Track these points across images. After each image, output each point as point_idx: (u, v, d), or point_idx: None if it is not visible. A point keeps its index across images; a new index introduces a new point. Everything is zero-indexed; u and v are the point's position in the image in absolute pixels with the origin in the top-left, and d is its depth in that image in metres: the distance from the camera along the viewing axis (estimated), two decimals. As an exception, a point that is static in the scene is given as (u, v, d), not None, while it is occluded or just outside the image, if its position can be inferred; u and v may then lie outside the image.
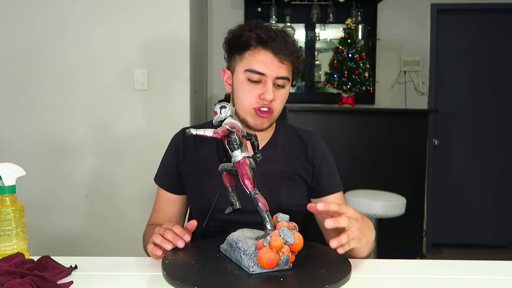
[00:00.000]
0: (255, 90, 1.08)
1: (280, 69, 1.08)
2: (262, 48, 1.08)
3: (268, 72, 1.07)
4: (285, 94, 1.13)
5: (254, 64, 1.08)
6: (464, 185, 3.68)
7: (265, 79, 1.08)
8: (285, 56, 1.08)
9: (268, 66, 1.07)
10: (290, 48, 1.09)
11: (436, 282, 0.89)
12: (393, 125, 2.98)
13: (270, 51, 1.08)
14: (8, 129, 2.35)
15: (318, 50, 3.61)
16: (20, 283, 0.77)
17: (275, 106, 1.10)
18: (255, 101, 1.09)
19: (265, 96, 1.07)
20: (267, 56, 1.08)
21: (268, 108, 1.09)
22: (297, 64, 1.12)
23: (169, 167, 1.21)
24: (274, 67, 1.07)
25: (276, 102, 1.10)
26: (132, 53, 2.34)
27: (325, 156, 1.20)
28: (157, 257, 0.94)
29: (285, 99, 1.14)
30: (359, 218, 0.90)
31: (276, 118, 1.15)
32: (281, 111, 1.16)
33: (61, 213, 2.37)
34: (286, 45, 1.08)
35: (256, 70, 1.07)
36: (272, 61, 1.07)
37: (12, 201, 0.93)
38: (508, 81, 3.62)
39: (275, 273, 0.81)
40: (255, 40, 1.08)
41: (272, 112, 1.10)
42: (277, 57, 1.08)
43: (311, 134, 1.23)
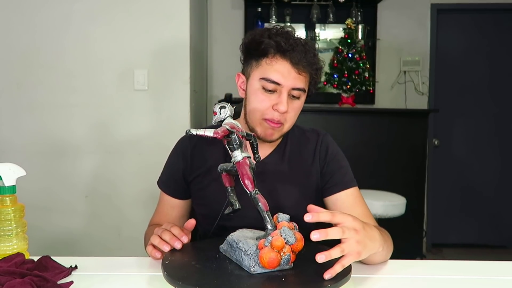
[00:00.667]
0: (269, 100, 1.04)
1: (297, 80, 1.04)
2: (280, 57, 1.04)
3: (285, 83, 1.03)
4: (300, 106, 1.09)
5: (270, 72, 1.04)
6: (464, 185, 3.68)
7: (281, 89, 1.04)
8: (303, 67, 1.04)
9: (285, 76, 1.03)
10: (310, 59, 1.05)
11: (436, 282, 0.89)
12: (393, 125, 2.97)
13: (288, 60, 1.03)
14: (8, 129, 2.35)
15: (318, 50, 3.60)
16: (20, 283, 0.77)
17: (287, 118, 1.07)
18: (268, 111, 1.05)
19: (278, 107, 1.03)
20: (284, 66, 1.03)
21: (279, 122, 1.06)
22: (315, 76, 1.09)
23: (174, 173, 1.19)
24: (291, 77, 1.03)
25: (289, 114, 1.06)
26: (132, 53, 2.34)
27: (333, 153, 1.17)
28: (157, 259, 0.94)
29: (299, 111, 1.10)
30: (359, 229, 0.80)
31: (287, 131, 1.11)
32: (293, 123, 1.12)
33: (61, 213, 2.37)
34: (306, 55, 1.04)
35: (272, 80, 1.03)
36: (289, 72, 1.03)
37: (12, 201, 0.93)
38: (508, 81, 3.62)
39: (276, 273, 0.81)
40: (274, 48, 1.03)
41: (283, 124, 1.07)
42: (295, 67, 1.03)
43: (318, 132, 1.20)
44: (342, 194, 1.13)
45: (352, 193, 1.14)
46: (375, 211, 2.28)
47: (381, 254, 0.95)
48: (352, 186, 1.15)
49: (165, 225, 0.98)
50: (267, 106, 1.05)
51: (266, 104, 1.05)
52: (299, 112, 1.11)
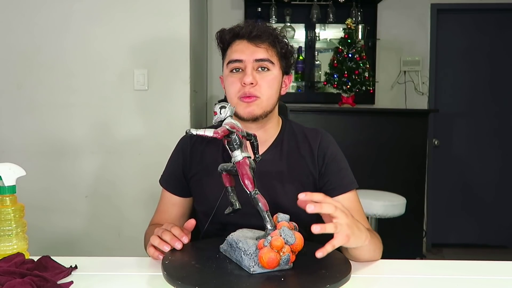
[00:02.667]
0: (238, 80, 1.09)
1: (256, 52, 1.09)
2: (237, 40, 1.12)
3: (245, 57, 1.09)
4: (273, 78, 1.10)
5: (232, 54, 1.11)
6: (464, 185, 3.68)
7: (245, 65, 1.09)
8: (260, 39, 1.09)
9: (243, 51, 1.09)
10: (265, 30, 1.10)
11: (436, 282, 0.89)
12: (393, 125, 2.97)
13: (245, 39, 1.10)
14: (8, 129, 2.35)
15: (318, 50, 3.60)
16: (20, 283, 0.77)
17: (261, 91, 1.08)
18: (238, 89, 1.08)
19: (244, 79, 1.06)
20: (241, 44, 1.10)
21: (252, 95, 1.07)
22: (276, 45, 1.11)
23: (175, 170, 1.21)
24: (250, 51, 1.09)
25: (261, 87, 1.08)
26: (132, 53, 2.34)
27: (333, 154, 1.15)
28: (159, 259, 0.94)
29: (274, 84, 1.11)
30: (347, 214, 0.84)
31: (268, 106, 1.10)
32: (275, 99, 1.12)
33: (61, 213, 2.37)
34: (259, 28, 1.10)
35: (234, 59, 1.10)
36: (247, 47, 1.09)
37: (12, 201, 0.93)
38: (508, 81, 3.62)
39: (276, 273, 0.81)
40: (229, 35, 1.12)
41: (258, 97, 1.08)
42: (251, 41, 1.09)
43: (318, 132, 1.19)
44: (339, 198, 1.12)
45: (350, 197, 1.13)
46: (375, 211, 2.28)
47: (368, 249, 0.96)
48: (350, 189, 1.14)
49: (165, 225, 0.98)
50: (238, 85, 1.09)
51: (237, 84, 1.09)
52: (274, 85, 1.11)
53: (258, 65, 1.09)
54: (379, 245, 1.02)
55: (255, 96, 1.08)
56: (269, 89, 1.10)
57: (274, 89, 1.11)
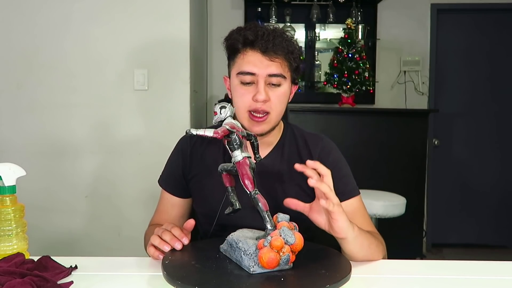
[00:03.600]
0: (248, 93, 1.05)
1: (271, 67, 1.04)
2: (250, 49, 1.05)
3: (258, 71, 1.04)
4: (283, 93, 1.08)
5: (243, 65, 1.05)
6: (464, 185, 3.68)
7: (257, 79, 1.04)
8: (275, 53, 1.04)
9: (257, 65, 1.04)
10: (280, 44, 1.05)
11: (436, 282, 0.89)
12: (393, 125, 2.97)
13: (258, 50, 1.05)
14: (8, 129, 2.34)
15: (318, 50, 3.61)
16: (20, 283, 0.77)
17: (271, 107, 1.06)
18: (249, 104, 1.05)
19: (257, 97, 1.03)
20: (255, 56, 1.05)
21: (263, 113, 1.05)
22: (290, 60, 1.07)
23: (175, 170, 1.20)
24: (264, 65, 1.04)
25: (272, 103, 1.06)
26: (132, 53, 2.34)
27: (335, 161, 1.14)
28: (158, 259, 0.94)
29: (284, 99, 1.09)
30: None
31: (276, 121, 1.10)
32: (283, 112, 1.11)
33: (61, 213, 2.37)
34: (275, 41, 1.04)
35: (246, 71, 1.05)
36: (261, 60, 1.04)
37: (12, 201, 0.93)
38: (508, 81, 3.62)
39: (275, 273, 0.81)
40: (241, 42, 1.06)
41: (269, 114, 1.07)
42: (266, 55, 1.04)
43: (319, 138, 1.18)
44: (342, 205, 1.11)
45: (352, 204, 1.13)
46: (375, 211, 2.28)
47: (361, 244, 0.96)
48: (353, 195, 1.13)
49: (165, 225, 0.98)
50: (247, 98, 1.05)
51: (247, 97, 1.05)
52: (285, 100, 1.10)
53: (270, 80, 1.05)
54: (375, 243, 1.01)
55: (267, 112, 1.06)
56: (280, 105, 1.08)
57: (284, 104, 1.10)
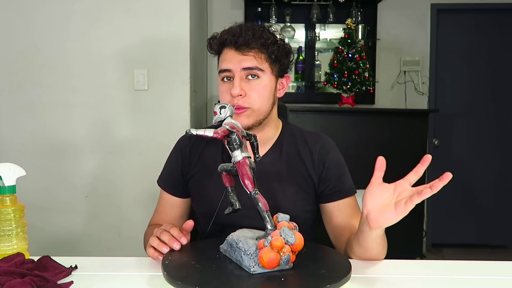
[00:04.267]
0: (227, 88, 1.08)
1: (244, 61, 1.07)
2: (226, 48, 1.10)
3: (232, 66, 1.07)
4: (263, 86, 1.08)
5: (221, 64, 1.10)
6: (464, 185, 3.67)
7: (233, 74, 1.08)
8: (247, 47, 1.07)
9: (231, 60, 1.08)
10: (252, 37, 1.07)
11: (436, 282, 0.89)
12: (393, 125, 2.97)
13: (232, 47, 1.08)
14: (8, 129, 2.35)
15: (318, 50, 3.60)
16: (20, 283, 0.77)
17: (249, 102, 1.06)
18: (229, 99, 1.07)
19: (231, 91, 1.05)
20: (230, 53, 1.09)
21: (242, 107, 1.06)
22: (267, 51, 1.08)
23: (174, 170, 1.20)
24: (237, 60, 1.07)
25: (250, 98, 1.06)
26: (132, 53, 2.34)
27: (334, 160, 1.15)
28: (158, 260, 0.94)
29: (264, 91, 1.08)
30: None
31: (260, 114, 1.09)
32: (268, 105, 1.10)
33: (61, 213, 2.37)
34: (246, 36, 1.07)
35: (223, 69, 1.09)
36: (234, 56, 1.08)
37: (12, 201, 0.93)
38: (508, 81, 3.62)
39: (276, 273, 0.81)
40: (218, 44, 1.11)
41: (248, 108, 1.06)
42: (238, 50, 1.07)
43: (319, 136, 1.18)
44: (340, 203, 1.13)
45: (350, 202, 1.14)
46: (375, 211, 2.27)
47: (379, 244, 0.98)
48: (351, 194, 1.15)
49: (164, 225, 0.98)
50: (227, 95, 1.08)
51: (227, 93, 1.08)
52: (264, 93, 1.09)
53: (247, 73, 1.07)
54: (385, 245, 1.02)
55: (243, 107, 1.06)
56: (259, 98, 1.08)
57: (265, 97, 1.09)
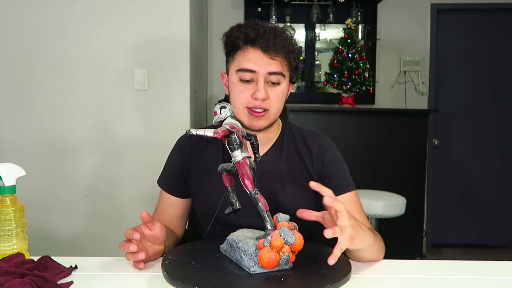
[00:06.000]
0: (248, 90, 1.06)
1: (271, 65, 1.05)
2: (250, 47, 1.06)
3: (258, 69, 1.04)
4: (282, 91, 1.09)
5: (244, 62, 1.06)
6: (464, 185, 3.68)
7: (257, 76, 1.05)
8: (275, 52, 1.05)
9: (257, 62, 1.05)
10: (281, 42, 1.06)
11: (436, 282, 0.89)
12: (393, 125, 2.97)
13: (259, 48, 1.05)
14: (8, 129, 2.35)
15: (318, 50, 3.60)
16: (20, 283, 0.77)
17: (270, 105, 1.06)
18: (248, 101, 1.06)
19: (256, 95, 1.04)
20: (256, 54, 1.05)
21: (262, 109, 1.06)
22: (290, 59, 1.08)
23: (174, 170, 1.20)
24: (264, 63, 1.05)
25: (271, 101, 1.06)
26: (132, 53, 2.34)
27: (332, 157, 1.16)
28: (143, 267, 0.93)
29: (283, 97, 1.10)
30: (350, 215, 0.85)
31: (275, 117, 1.11)
32: (281, 109, 1.12)
33: (61, 213, 2.37)
34: (276, 40, 1.05)
35: (246, 68, 1.05)
36: (261, 58, 1.05)
37: (12, 201, 0.93)
38: (508, 81, 3.62)
39: (275, 273, 0.81)
40: (242, 39, 1.06)
41: (268, 111, 1.07)
42: (266, 53, 1.05)
43: (317, 135, 1.19)
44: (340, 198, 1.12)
45: (350, 198, 1.14)
46: (375, 211, 2.28)
47: (371, 249, 0.97)
48: (350, 190, 1.15)
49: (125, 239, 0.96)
50: (246, 96, 1.06)
51: (245, 94, 1.06)
52: (283, 98, 1.10)
53: (270, 78, 1.06)
54: (381, 245, 1.02)
55: (265, 109, 1.06)
56: (278, 102, 1.09)
57: (282, 102, 1.11)
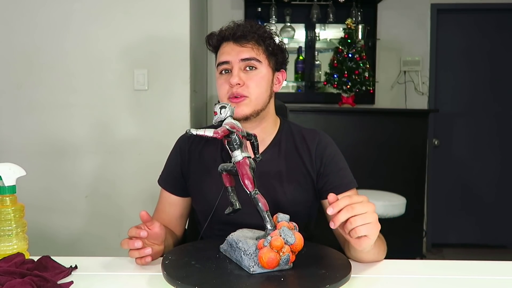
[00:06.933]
0: (226, 81, 1.10)
1: (242, 52, 1.10)
2: (225, 42, 1.14)
3: (231, 58, 1.10)
4: (261, 76, 1.11)
5: (220, 57, 1.14)
6: (464, 185, 3.68)
7: (232, 66, 1.11)
8: (245, 39, 1.11)
9: (230, 53, 1.11)
10: (249, 30, 1.11)
11: (436, 282, 0.89)
12: (393, 125, 2.97)
13: (230, 41, 1.12)
14: (8, 129, 2.35)
15: (318, 50, 3.60)
16: (20, 283, 0.77)
17: (248, 91, 1.09)
18: (227, 90, 1.10)
19: (230, 80, 1.08)
20: (228, 46, 1.13)
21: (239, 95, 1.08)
22: (264, 43, 1.12)
23: (173, 169, 1.21)
24: (235, 52, 1.11)
25: (248, 87, 1.09)
26: (132, 53, 2.34)
27: (331, 155, 1.15)
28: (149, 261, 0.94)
29: (262, 81, 1.11)
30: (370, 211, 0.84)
31: (258, 104, 1.11)
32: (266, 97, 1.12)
33: (61, 213, 2.37)
34: (244, 29, 1.12)
35: (221, 61, 1.12)
36: (233, 48, 1.11)
37: (12, 201, 0.93)
38: (508, 81, 3.62)
39: (275, 273, 0.81)
40: (215, 38, 1.15)
41: (246, 97, 1.09)
42: (237, 43, 1.11)
43: (316, 133, 1.19)
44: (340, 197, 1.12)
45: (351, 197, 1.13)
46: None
47: (373, 251, 0.96)
48: (350, 188, 1.14)
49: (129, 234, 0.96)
50: (226, 86, 1.11)
51: (225, 85, 1.11)
52: (262, 83, 1.12)
53: (245, 64, 1.10)
54: (383, 247, 1.02)
55: (242, 95, 1.09)
56: (257, 88, 1.11)
57: (263, 88, 1.12)
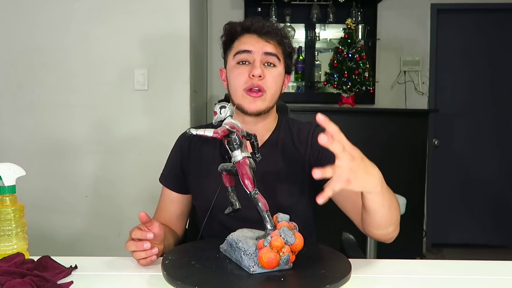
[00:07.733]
0: (245, 72, 1.09)
1: (266, 46, 1.10)
2: (247, 33, 1.13)
3: (254, 49, 1.10)
4: (278, 74, 1.12)
5: (241, 45, 1.12)
6: (464, 185, 3.68)
7: (253, 57, 1.10)
8: (269, 36, 1.11)
9: (253, 43, 1.11)
10: (274, 28, 1.13)
11: (436, 282, 0.89)
12: (393, 125, 2.97)
13: (254, 33, 1.12)
14: (8, 129, 2.35)
15: (318, 50, 3.60)
16: (20, 283, 0.77)
17: (267, 86, 1.09)
18: (245, 81, 1.09)
19: (253, 72, 1.07)
20: (252, 37, 1.12)
21: (259, 88, 1.08)
22: (285, 44, 1.14)
23: (174, 166, 1.22)
24: (260, 45, 1.10)
25: (267, 81, 1.09)
26: (132, 53, 2.34)
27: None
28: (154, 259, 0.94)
29: (279, 79, 1.13)
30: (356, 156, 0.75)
31: (271, 100, 1.12)
32: (278, 95, 1.14)
33: (61, 213, 2.37)
34: (270, 26, 1.12)
35: (243, 49, 1.10)
36: (257, 41, 1.11)
37: (12, 201, 0.93)
38: (508, 81, 3.62)
39: (275, 273, 0.81)
40: (239, 27, 1.13)
41: (264, 92, 1.09)
42: (262, 37, 1.11)
43: (311, 124, 1.20)
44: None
45: None
46: (375, 211, 2.27)
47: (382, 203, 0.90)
48: None
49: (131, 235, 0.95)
50: (244, 77, 1.09)
51: (243, 76, 1.10)
52: (279, 81, 1.13)
53: (266, 59, 1.10)
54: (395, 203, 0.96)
55: (263, 89, 1.09)
56: (275, 84, 1.12)
57: (278, 86, 1.14)
